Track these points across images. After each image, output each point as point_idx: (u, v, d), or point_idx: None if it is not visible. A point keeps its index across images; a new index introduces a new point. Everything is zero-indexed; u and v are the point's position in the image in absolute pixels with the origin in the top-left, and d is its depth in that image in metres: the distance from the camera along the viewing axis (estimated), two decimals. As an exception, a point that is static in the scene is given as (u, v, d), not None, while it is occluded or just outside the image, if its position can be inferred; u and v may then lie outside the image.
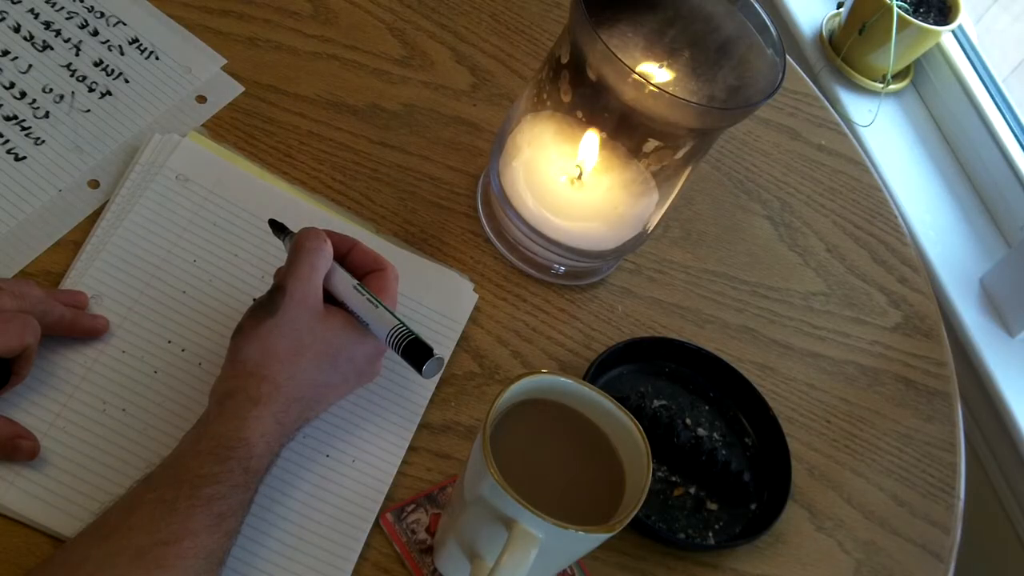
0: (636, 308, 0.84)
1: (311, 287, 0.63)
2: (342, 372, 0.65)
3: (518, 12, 0.98)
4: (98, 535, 0.55)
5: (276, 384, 0.61)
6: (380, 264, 0.68)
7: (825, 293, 0.91)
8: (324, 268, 0.64)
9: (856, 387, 0.87)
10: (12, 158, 0.73)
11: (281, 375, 0.61)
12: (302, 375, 0.62)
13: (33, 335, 0.61)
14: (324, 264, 0.64)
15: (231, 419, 0.59)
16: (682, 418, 0.79)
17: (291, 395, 0.62)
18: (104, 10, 0.82)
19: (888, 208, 1.00)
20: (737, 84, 0.75)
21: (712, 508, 0.75)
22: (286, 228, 0.69)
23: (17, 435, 0.61)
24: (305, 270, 0.63)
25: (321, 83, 0.86)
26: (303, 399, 0.63)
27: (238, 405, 0.60)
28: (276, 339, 0.62)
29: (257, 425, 0.59)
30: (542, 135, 0.78)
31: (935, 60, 1.64)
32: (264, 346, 0.62)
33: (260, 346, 0.62)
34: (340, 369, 0.65)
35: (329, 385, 0.65)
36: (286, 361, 0.62)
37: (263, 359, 0.61)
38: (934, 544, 0.80)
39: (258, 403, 0.60)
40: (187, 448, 0.59)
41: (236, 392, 0.60)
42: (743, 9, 0.74)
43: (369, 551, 0.66)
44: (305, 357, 0.62)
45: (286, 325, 0.62)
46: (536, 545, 0.55)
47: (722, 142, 0.97)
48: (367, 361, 0.67)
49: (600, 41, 0.67)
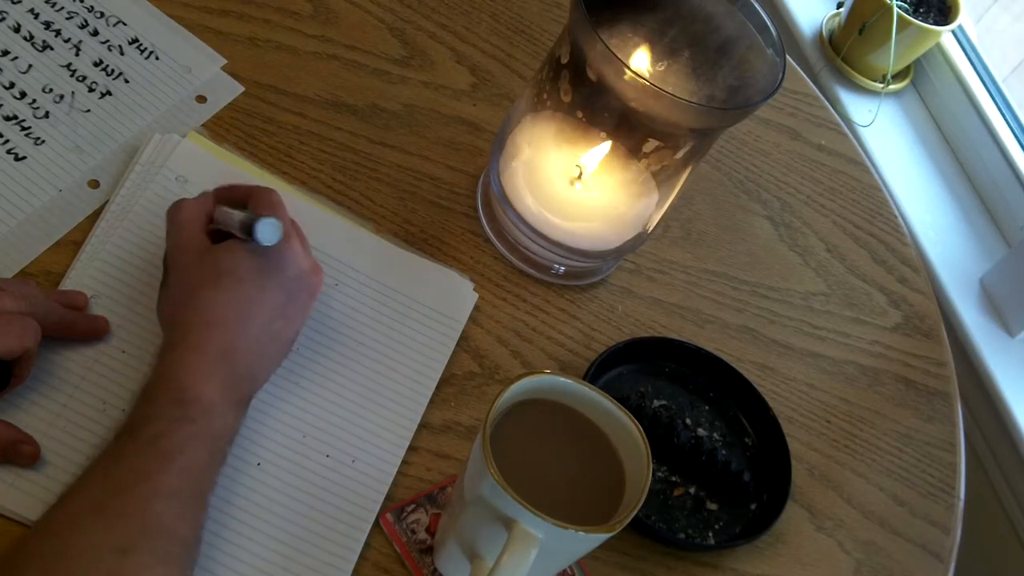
0: (636, 308, 0.84)
1: (183, 237, 0.65)
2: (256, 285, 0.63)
3: (518, 12, 0.98)
4: (58, 502, 0.56)
5: (185, 324, 0.62)
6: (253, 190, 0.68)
7: (825, 293, 0.91)
8: (192, 218, 0.66)
9: (856, 387, 0.87)
10: (12, 158, 0.73)
11: (186, 314, 0.62)
12: (206, 303, 0.62)
13: (33, 338, 0.61)
14: (188, 215, 0.66)
15: (154, 369, 0.61)
16: (682, 418, 0.79)
17: (203, 324, 0.61)
18: (104, 10, 0.82)
19: (888, 208, 1.00)
20: (737, 84, 0.75)
21: (712, 508, 0.75)
22: None
23: (18, 440, 0.61)
24: (173, 229, 0.66)
25: (321, 83, 0.86)
26: (221, 324, 0.62)
27: (159, 358, 0.62)
28: (174, 289, 0.64)
29: (178, 364, 0.60)
30: (542, 135, 0.78)
31: (935, 60, 1.64)
32: (166, 300, 0.65)
33: (164, 303, 0.65)
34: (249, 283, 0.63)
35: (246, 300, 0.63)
36: (183, 298, 0.63)
37: (168, 307, 0.64)
38: (934, 544, 0.80)
39: (173, 347, 0.61)
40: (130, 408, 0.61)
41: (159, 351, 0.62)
42: (743, 9, 0.74)
43: (369, 551, 0.66)
44: (203, 287, 0.63)
45: (176, 276, 0.64)
46: (536, 545, 0.55)
47: (722, 142, 0.97)
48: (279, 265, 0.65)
49: (600, 41, 0.67)
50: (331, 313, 0.74)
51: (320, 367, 0.71)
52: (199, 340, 0.61)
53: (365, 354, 0.73)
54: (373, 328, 0.74)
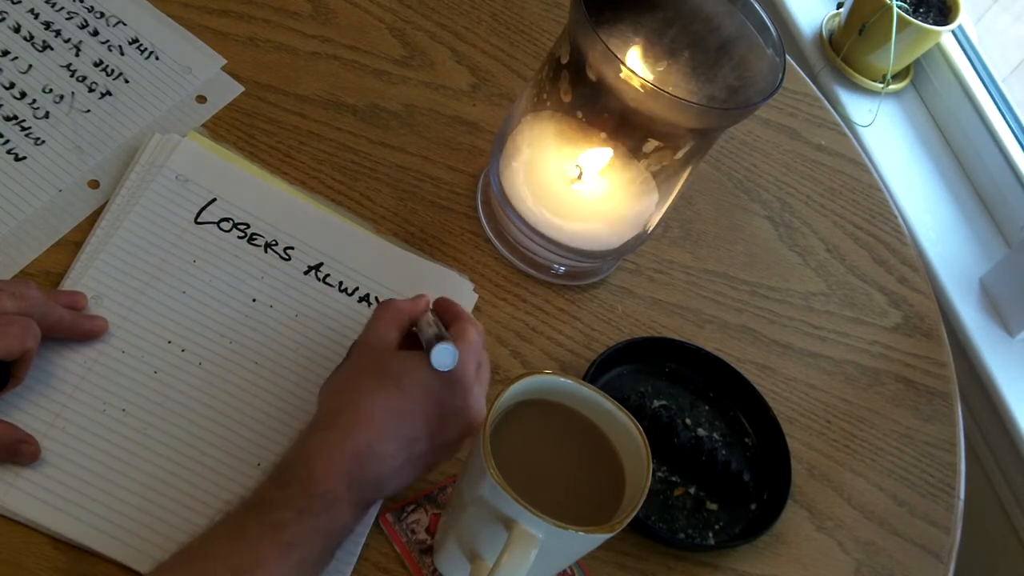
0: (636, 308, 0.84)
1: (374, 334, 0.65)
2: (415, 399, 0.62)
3: (518, 12, 0.98)
4: (177, 562, 0.56)
5: (337, 411, 0.61)
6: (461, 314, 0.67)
7: (825, 293, 0.91)
8: (391, 318, 0.65)
9: (856, 387, 0.87)
10: (12, 158, 0.73)
11: (342, 402, 0.62)
12: (364, 399, 0.61)
13: (33, 338, 0.61)
14: (390, 315, 0.66)
15: (296, 444, 0.61)
16: (682, 418, 0.79)
17: (353, 419, 0.61)
18: (104, 10, 0.82)
19: (888, 208, 1.00)
20: (737, 84, 0.75)
21: (712, 508, 0.75)
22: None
23: (19, 440, 0.61)
24: (370, 323, 0.66)
25: (321, 83, 0.86)
26: (368, 425, 0.61)
27: (304, 434, 0.61)
28: (342, 376, 0.64)
29: (317, 446, 0.59)
30: (542, 135, 0.78)
31: (935, 60, 1.64)
32: (332, 383, 0.64)
33: (329, 385, 0.64)
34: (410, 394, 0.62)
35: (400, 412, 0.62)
36: (348, 389, 0.63)
37: (330, 394, 0.64)
38: (934, 544, 0.80)
39: (318, 428, 0.61)
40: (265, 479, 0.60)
41: (307, 428, 0.62)
42: (743, 9, 0.74)
43: (369, 551, 0.66)
44: (368, 383, 0.62)
45: (351, 365, 0.64)
46: (536, 545, 0.55)
47: (722, 142, 0.97)
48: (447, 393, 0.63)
49: (600, 41, 0.67)
50: (332, 314, 0.74)
51: (320, 367, 0.71)
52: (343, 433, 0.60)
53: (365, 354, 0.73)
54: (373, 328, 0.74)
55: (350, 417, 0.61)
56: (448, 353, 0.61)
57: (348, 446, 0.60)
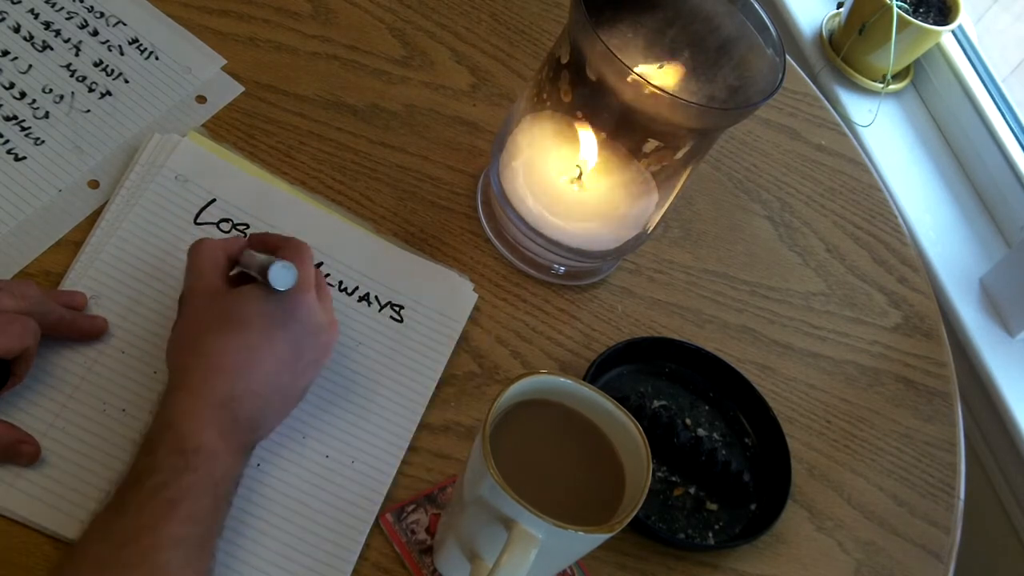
0: (636, 308, 0.84)
1: (198, 277, 0.64)
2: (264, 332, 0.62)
3: (518, 12, 0.98)
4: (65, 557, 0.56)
5: (186, 367, 0.61)
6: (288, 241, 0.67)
7: (825, 293, 0.91)
8: (211, 258, 0.65)
9: (856, 387, 0.87)
10: (12, 158, 0.73)
11: (190, 358, 0.61)
12: (211, 347, 0.61)
13: (33, 336, 0.61)
14: (208, 254, 0.65)
15: (155, 415, 0.60)
16: (682, 418, 0.79)
17: (206, 368, 0.60)
18: (104, 10, 0.82)
19: (888, 208, 1.00)
20: (737, 84, 0.75)
21: (712, 508, 0.75)
22: None
23: (18, 440, 0.61)
24: (190, 267, 0.65)
25: (321, 83, 0.86)
26: (224, 370, 0.61)
27: (160, 402, 0.61)
28: (181, 330, 0.63)
29: (175, 405, 0.59)
30: (542, 135, 0.78)
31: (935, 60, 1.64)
32: (173, 342, 0.64)
33: (171, 345, 0.64)
34: (257, 330, 0.62)
35: (251, 348, 0.62)
36: (190, 341, 0.62)
37: (174, 353, 0.63)
38: (934, 544, 0.80)
39: (174, 388, 0.60)
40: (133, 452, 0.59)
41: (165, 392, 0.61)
42: (743, 9, 0.74)
43: (369, 551, 0.66)
44: (210, 331, 0.62)
45: (185, 317, 0.64)
46: (536, 545, 0.55)
47: (722, 142, 0.97)
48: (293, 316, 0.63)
49: (600, 41, 0.67)
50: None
51: (320, 367, 0.71)
52: (200, 387, 0.60)
53: (365, 354, 0.73)
54: (373, 328, 0.74)
55: (203, 369, 0.60)
56: (286, 270, 0.61)
57: (209, 398, 0.60)
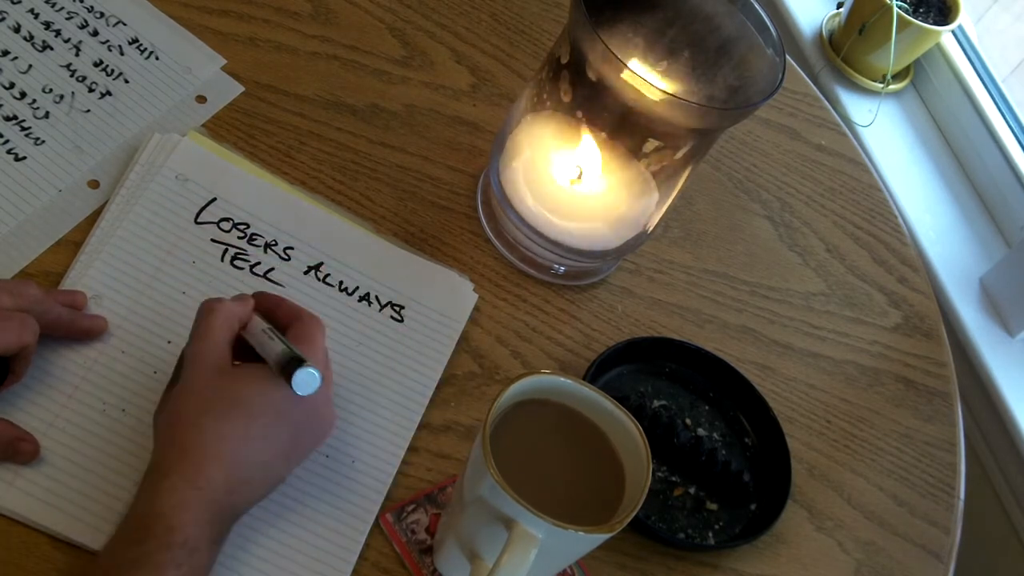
0: (636, 308, 0.84)
1: (208, 345, 0.61)
2: (266, 423, 0.59)
3: (518, 12, 0.98)
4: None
5: (183, 449, 0.57)
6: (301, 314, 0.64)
7: (825, 293, 0.91)
8: (224, 326, 0.61)
9: (856, 387, 0.87)
10: (12, 158, 0.73)
11: (188, 439, 0.58)
12: (211, 434, 0.58)
13: (32, 334, 0.61)
14: (222, 322, 0.61)
15: (145, 494, 0.57)
16: (682, 418, 0.79)
17: (203, 456, 0.57)
18: (104, 10, 0.82)
19: (888, 208, 1.00)
20: (737, 84, 0.75)
21: (712, 508, 0.75)
22: None
23: (17, 438, 0.61)
24: (201, 331, 0.61)
25: (321, 83, 0.86)
26: (221, 459, 0.58)
27: (152, 480, 0.57)
28: (181, 404, 0.59)
29: (170, 496, 0.56)
30: (542, 135, 0.78)
31: (935, 60, 1.64)
32: (171, 414, 0.60)
33: (168, 415, 0.60)
34: (260, 419, 0.59)
35: (252, 439, 0.59)
36: (192, 424, 0.58)
37: (171, 427, 0.59)
38: (934, 544, 0.80)
39: (168, 473, 0.57)
40: (116, 533, 0.57)
41: (152, 468, 0.58)
42: (743, 9, 0.74)
43: (369, 551, 0.66)
44: (212, 414, 0.58)
45: (188, 388, 0.60)
46: (536, 545, 0.55)
47: (722, 142, 0.97)
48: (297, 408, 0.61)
49: (600, 41, 0.67)
50: (331, 313, 0.74)
51: (320, 367, 0.71)
52: (196, 476, 0.56)
53: (365, 354, 0.73)
54: (373, 328, 0.74)
55: (198, 456, 0.57)
56: (312, 377, 0.57)
57: (205, 490, 0.56)
